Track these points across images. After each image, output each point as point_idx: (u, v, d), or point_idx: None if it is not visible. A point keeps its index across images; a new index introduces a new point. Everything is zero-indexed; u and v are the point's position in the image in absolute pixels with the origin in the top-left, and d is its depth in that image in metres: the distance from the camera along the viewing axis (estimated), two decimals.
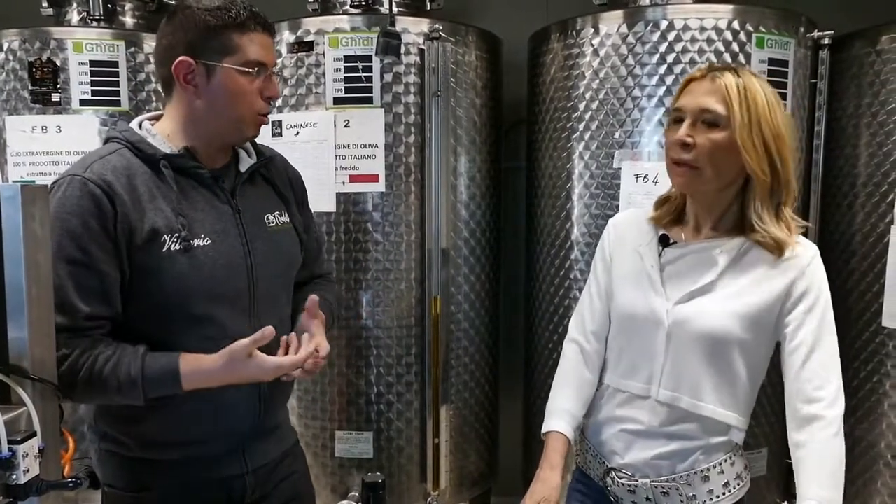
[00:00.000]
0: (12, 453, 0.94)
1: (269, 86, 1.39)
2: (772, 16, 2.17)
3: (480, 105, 2.49)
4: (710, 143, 1.32)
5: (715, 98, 1.32)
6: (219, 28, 1.33)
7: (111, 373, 1.28)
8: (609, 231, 1.58)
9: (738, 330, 1.34)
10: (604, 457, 1.48)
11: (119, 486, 1.44)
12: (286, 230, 1.54)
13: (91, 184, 1.29)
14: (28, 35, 2.44)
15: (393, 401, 2.39)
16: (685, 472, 1.38)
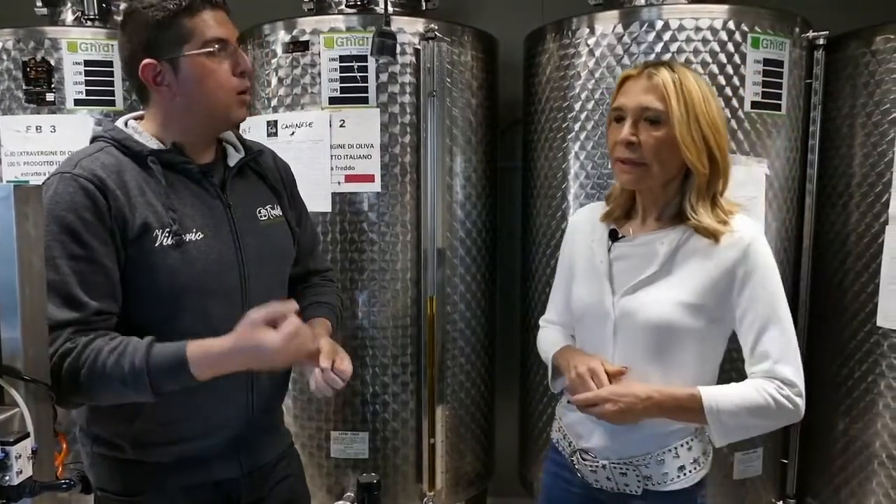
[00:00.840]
0: (5, 454, 0.93)
1: (239, 60, 1.35)
2: (767, 16, 2.17)
3: (476, 105, 2.49)
4: (654, 140, 1.35)
5: (654, 96, 1.35)
6: (167, 19, 1.31)
7: (116, 363, 1.23)
8: (569, 227, 1.65)
9: (683, 318, 1.36)
10: (571, 438, 1.55)
11: (112, 490, 1.42)
12: (278, 224, 1.53)
13: (82, 179, 1.28)
14: (22, 34, 2.43)
15: (389, 401, 2.39)
16: (641, 455, 1.43)
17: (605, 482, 1.49)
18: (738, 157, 2.16)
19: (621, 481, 1.46)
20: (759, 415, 1.33)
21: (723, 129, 1.38)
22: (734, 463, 2.29)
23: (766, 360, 1.34)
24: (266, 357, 1.25)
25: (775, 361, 1.33)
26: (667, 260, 1.39)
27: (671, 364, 1.39)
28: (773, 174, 2.22)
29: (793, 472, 2.45)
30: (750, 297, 1.35)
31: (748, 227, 1.38)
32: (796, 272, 2.37)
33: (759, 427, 1.40)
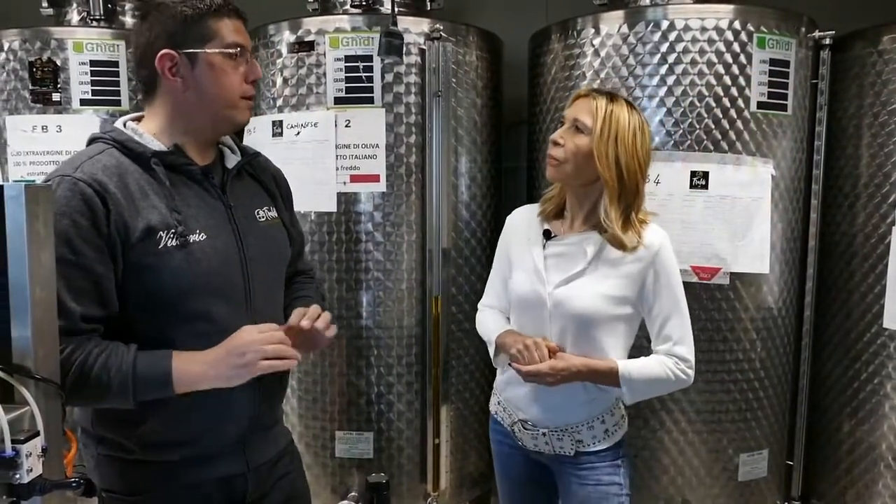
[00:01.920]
0: (16, 453, 0.93)
1: (252, 68, 1.42)
2: (773, 16, 2.17)
3: (481, 105, 2.49)
4: (574, 145, 1.65)
5: (587, 113, 1.64)
6: (196, 17, 1.35)
7: (101, 370, 1.26)
8: (507, 224, 1.88)
9: (605, 307, 1.64)
10: (512, 410, 1.79)
11: (118, 490, 1.42)
12: (276, 225, 1.56)
13: (82, 183, 1.28)
14: (28, 35, 2.44)
15: (393, 401, 2.39)
16: (575, 423, 1.71)
17: (543, 446, 1.75)
18: (743, 157, 2.16)
19: (557, 445, 1.73)
20: (660, 383, 1.67)
21: (642, 159, 1.64)
22: (739, 465, 2.29)
23: (668, 342, 1.66)
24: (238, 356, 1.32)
25: (675, 343, 1.65)
26: (593, 258, 1.66)
27: (593, 343, 1.66)
28: (779, 175, 2.22)
29: (798, 473, 2.44)
30: (657, 293, 1.65)
31: (657, 236, 1.67)
32: (802, 273, 2.37)
33: (659, 391, 1.79)
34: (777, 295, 2.28)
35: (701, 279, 2.17)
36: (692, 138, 2.15)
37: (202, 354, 1.33)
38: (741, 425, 2.27)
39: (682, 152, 2.15)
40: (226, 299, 1.39)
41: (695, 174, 2.15)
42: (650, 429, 2.24)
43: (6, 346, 1.01)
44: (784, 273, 2.29)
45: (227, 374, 1.32)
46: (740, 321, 2.22)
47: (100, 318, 1.31)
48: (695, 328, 2.16)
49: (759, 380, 2.28)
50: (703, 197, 2.15)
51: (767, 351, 2.28)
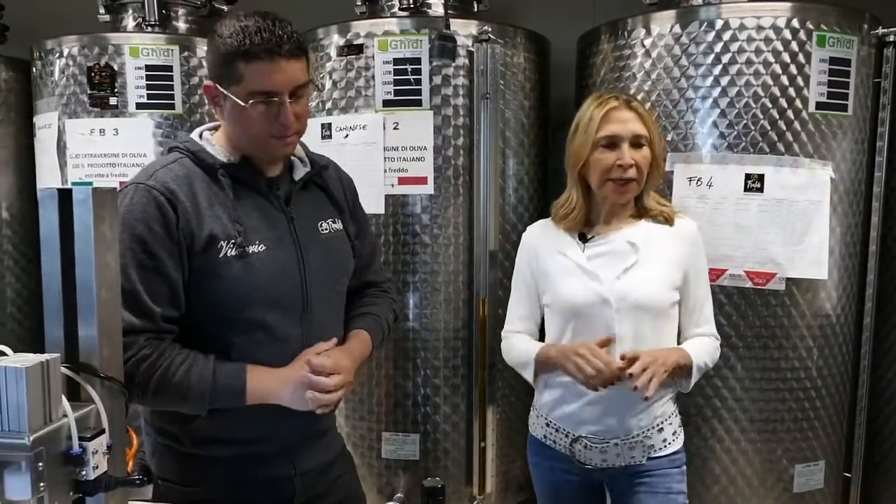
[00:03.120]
0: (83, 450, 0.95)
1: (280, 113, 1.34)
2: (833, 13, 2.11)
3: (529, 107, 2.48)
4: (645, 160, 1.69)
5: (640, 123, 1.68)
6: (227, 56, 1.32)
7: (183, 377, 1.32)
8: (526, 244, 1.86)
9: (666, 293, 1.68)
10: (568, 429, 1.72)
11: (172, 479, 1.47)
12: (339, 237, 1.56)
13: (155, 191, 1.34)
14: (87, 41, 2.51)
15: (439, 403, 2.39)
16: (646, 427, 1.68)
17: (613, 459, 1.69)
18: (800, 159, 2.10)
19: (628, 455, 1.69)
20: (710, 358, 1.74)
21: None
22: (794, 476, 2.23)
23: (707, 324, 1.75)
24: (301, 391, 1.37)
25: (710, 325, 1.77)
26: (642, 246, 1.68)
27: (660, 330, 1.68)
28: (839, 177, 2.15)
29: (856, 486, 2.36)
30: (698, 276, 1.73)
31: (690, 219, 1.80)
32: (862, 278, 2.29)
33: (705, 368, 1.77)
34: (835, 301, 2.21)
35: (755, 284, 2.12)
36: (747, 140, 2.10)
37: (275, 372, 1.38)
38: (797, 435, 2.21)
39: (736, 154, 2.11)
40: (283, 309, 1.42)
41: (749, 177, 2.10)
42: (702, 437, 2.19)
43: (73, 346, 1.03)
44: (843, 279, 2.22)
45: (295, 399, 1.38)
46: (796, 328, 2.16)
47: (176, 320, 1.36)
48: (749, 334, 2.14)
49: (816, 388, 2.22)
50: (758, 200, 2.09)
51: (825, 359, 2.21)
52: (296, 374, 1.37)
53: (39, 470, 0.89)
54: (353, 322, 1.59)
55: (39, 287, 1.05)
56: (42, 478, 0.90)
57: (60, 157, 2.54)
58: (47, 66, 2.59)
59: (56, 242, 1.02)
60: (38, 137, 2.65)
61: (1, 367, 0.89)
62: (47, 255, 1.03)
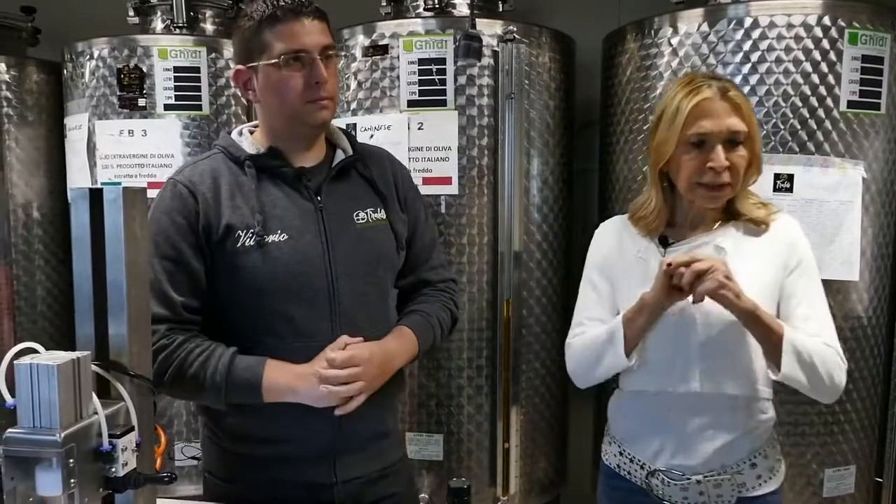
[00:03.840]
0: (112, 447, 0.97)
1: (313, 71, 1.37)
2: (865, 10, 2.06)
3: (553, 107, 2.46)
4: (742, 160, 1.44)
5: (737, 117, 1.42)
6: (251, 31, 1.38)
7: (199, 369, 1.32)
8: (599, 241, 1.66)
9: (763, 299, 1.41)
10: (644, 460, 1.51)
11: (216, 473, 1.49)
12: (380, 228, 1.51)
13: (180, 185, 1.39)
14: (116, 43, 2.54)
15: (463, 404, 2.38)
16: (734, 462, 1.44)
17: (696, 497, 1.45)
18: (831, 159, 2.06)
19: (714, 494, 1.44)
20: (819, 358, 1.40)
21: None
22: (824, 480, 2.19)
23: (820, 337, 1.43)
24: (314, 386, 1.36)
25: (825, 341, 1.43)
26: (733, 255, 1.44)
27: (751, 349, 1.45)
28: (871, 177, 2.11)
29: (888, 491, 2.32)
30: (798, 281, 1.47)
31: (789, 217, 1.56)
32: (894, 279, 2.25)
33: (817, 371, 1.41)
34: (867, 303, 2.17)
35: None
36: (776, 139, 2.07)
37: (293, 367, 1.36)
38: (827, 439, 2.17)
39: (765, 154, 2.04)
40: (307, 301, 1.40)
41: (779, 177, 2.07)
42: None
43: (104, 344, 1.05)
44: (875, 280, 2.18)
45: (311, 394, 1.35)
46: None
47: (199, 310, 1.37)
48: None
49: (847, 392, 2.16)
50: (787, 200, 2.06)
51: (856, 362, 2.17)
52: (313, 370, 1.35)
53: (70, 466, 0.91)
54: (400, 320, 1.55)
55: (70, 286, 1.07)
56: (73, 474, 0.92)
57: (90, 157, 2.58)
58: (78, 68, 2.63)
59: (87, 242, 1.04)
60: (69, 138, 2.69)
61: (33, 365, 0.90)
62: (78, 254, 1.05)
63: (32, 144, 2.81)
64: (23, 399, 0.91)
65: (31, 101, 2.82)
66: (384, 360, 1.42)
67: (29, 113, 2.81)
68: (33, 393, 0.91)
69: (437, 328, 1.58)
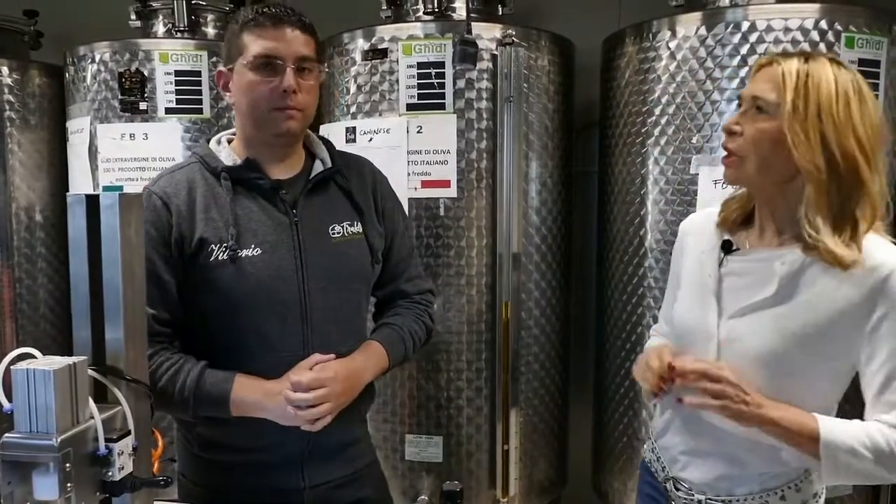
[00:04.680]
0: (109, 451, 0.98)
1: (282, 79, 1.35)
2: (862, 14, 2.07)
3: (553, 110, 2.47)
4: (756, 131, 1.23)
5: (770, 85, 1.22)
6: (235, 33, 1.40)
7: (168, 383, 1.33)
8: (679, 234, 1.51)
9: (798, 351, 1.20)
10: (666, 462, 1.43)
11: (189, 477, 1.50)
12: (355, 242, 1.50)
13: (154, 196, 1.38)
14: (118, 47, 2.56)
15: (463, 406, 2.39)
16: (743, 495, 1.30)
17: None
18: None
19: None
20: (879, 461, 1.16)
21: (865, 136, 1.18)
22: None
23: (894, 410, 1.16)
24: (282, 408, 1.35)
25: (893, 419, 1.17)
26: (786, 283, 1.22)
27: (778, 399, 1.22)
28: None
29: (887, 492, 2.32)
30: (883, 338, 1.16)
31: (888, 252, 1.17)
32: None
33: (872, 475, 1.20)
34: None
35: None
36: None
37: (262, 384, 1.37)
38: None
39: None
40: (279, 316, 1.39)
41: None
42: None
43: (100, 348, 1.06)
44: None
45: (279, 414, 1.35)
46: None
47: (169, 322, 1.38)
48: None
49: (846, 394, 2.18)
50: None
51: None
52: (281, 387, 1.34)
53: (67, 470, 0.92)
54: (372, 334, 1.55)
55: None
56: (69, 478, 0.93)
57: (92, 161, 2.60)
58: (80, 71, 2.65)
59: (84, 246, 1.06)
60: (71, 142, 2.71)
61: (30, 370, 0.91)
62: (75, 258, 1.06)
63: (34, 148, 2.83)
64: (19, 404, 0.92)
65: (34, 104, 2.84)
66: (350, 376, 1.41)
67: (31, 116, 2.83)
68: (30, 398, 0.92)
69: (408, 341, 1.57)
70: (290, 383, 1.33)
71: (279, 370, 1.38)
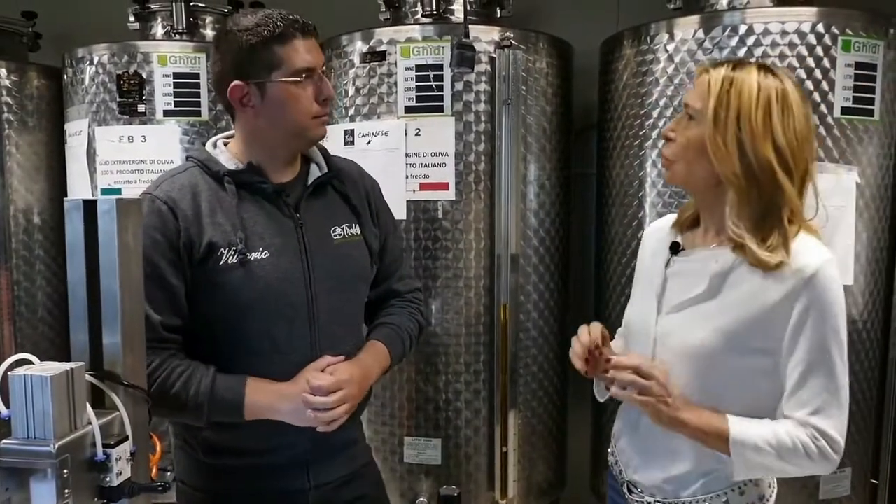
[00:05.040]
0: (107, 456, 0.98)
1: (322, 88, 1.39)
2: (859, 18, 2.08)
3: (551, 112, 2.47)
4: (685, 139, 1.29)
5: (698, 94, 1.28)
6: (259, 45, 1.34)
7: (181, 389, 1.33)
8: (643, 239, 1.57)
9: (724, 347, 1.24)
10: (622, 466, 1.47)
11: (190, 483, 1.50)
12: (355, 243, 1.52)
13: (158, 201, 1.37)
14: (116, 49, 2.56)
15: (461, 408, 2.39)
16: (690, 498, 1.32)
17: None
18: (825, 164, 2.07)
19: None
20: (786, 459, 1.22)
21: (784, 141, 1.21)
22: (820, 482, 2.20)
23: (804, 408, 1.21)
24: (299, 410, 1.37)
25: (814, 412, 1.21)
26: (716, 281, 1.27)
27: (709, 395, 1.27)
28: (865, 182, 2.12)
29: (884, 493, 2.33)
30: (800, 335, 1.20)
31: (814, 256, 1.22)
32: (889, 283, 2.26)
33: (782, 470, 1.27)
34: (862, 307, 2.18)
35: None
36: None
37: (275, 386, 1.38)
38: None
39: None
40: (287, 319, 1.41)
41: None
42: None
43: (98, 353, 1.06)
44: (870, 284, 2.19)
45: (295, 416, 1.37)
46: None
47: (178, 328, 1.37)
48: None
49: None
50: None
51: (850, 365, 2.14)
52: (296, 390, 1.36)
53: (65, 477, 0.92)
54: (370, 333, 1.58)
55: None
56: (67, 484, 0.93)
57: (90, 163, 2.60)
58: (78, 73, 2.65)
59: (81, 252, 1.06)
60: (69, 144, 2.71)
61: (27, 376, 0.92)
62: (73, 264, 1.07)
63: (33, 150, 2.83)
64: (17, 410, 0.92)
65: (32, 106, 2.84)
66: (363, 378, 1.45)
67: (29, 118, 2.83)
68: (27, 404, 0.92)
69: (406, 340, 1.61)
70: (310, 388, 1.35)
71: (288, 371, 1.39)
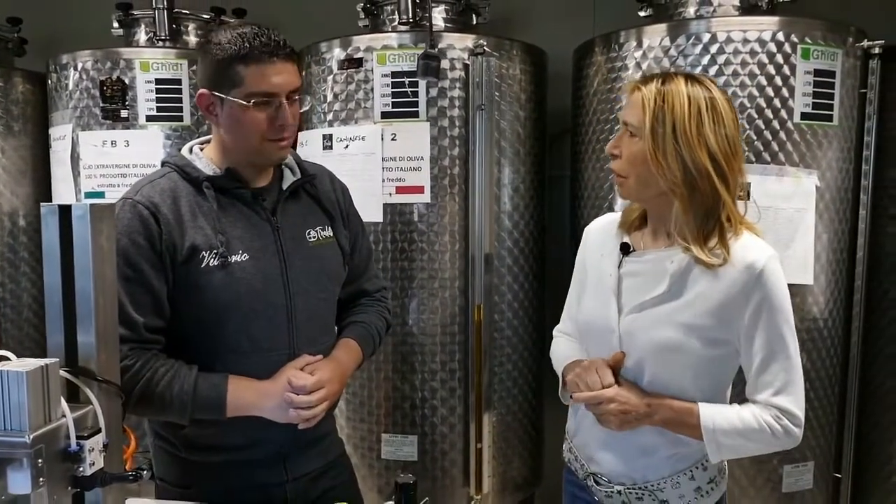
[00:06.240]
0: (80, 447, 1.03)
1: (279, 115, 1.38)
2: (819, 27, 2.15)
3: (524, 117, 2.54)
4: (630, 154, 1.34)
5: (635, 110, 1.33)
6: (225, 61, 1.36)
7: (165, 388, 1.37)
8: (583, 238, 1.60)
9: (688, 342, 1.32)
10: (583, 460, 1.52)
11: (169, 480, 1.54)
12: (328, 245, 1.58)
13: (140, 205, 1.40)
14: (100, 55, 2.61)
15: (437, 406, 2.45)
16: (656, 479, 1.41)
17: None
18: (786, 168, 2.15)
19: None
20: (754, 439, 1.33)
21: (717, 148, 1.28)
22: (783, 476, 2.27)
23: (767, 390, 1.32)
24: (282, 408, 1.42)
25: (776, 392, 1.31)
26: (676, 280, 1.34)
27: (673, 386, 1.36)
28: (825, 185, 2.19)
29: (846, 486, 2.40)
30: (757, 326, 1.30)
31: (760, 253, 1.31)
32: (850, 284, 2.33)
33: (752, 449, 1.40)
34: (822, 306, 2.25)
35: None
36: None
37: (256, 384, 1.43)
38: None
39: None
40: (267, 319, 1.46)
41: None
42: None
43: (73, 351, 1.11)
44: (830, 284, 2.26)
45: (276, 413, 1.43)
46: None
47: (160, 329, 1.42)
48: None
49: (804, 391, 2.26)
50: (743, 208, 2.13)
51: (812, 362, 2.25)
52: (276, 388, 1.41)
53: (39, 466, 0.97)
54: (342, 331, 1.63)
55: None
56: (42, 473, 0.98)
57: (74, 167, 2.64)
58: (62, 79, 2.69)
59: (57, 255, 1.11)
60: (54, 149, 2.75)
61: (4, 371, 0.97)
62: (49, 266, 1.12)
63: (18, 154, 2.88)
64: None
65: (17, 111, 2.88)
66: (342, 376, 1.53)
67: (15, 123, 2.87)
68: (4, 397, 0.97)
69: (376, 338, 1.69)
70: (292, 387, 1.41)
71: (267, 369, 1.45)
